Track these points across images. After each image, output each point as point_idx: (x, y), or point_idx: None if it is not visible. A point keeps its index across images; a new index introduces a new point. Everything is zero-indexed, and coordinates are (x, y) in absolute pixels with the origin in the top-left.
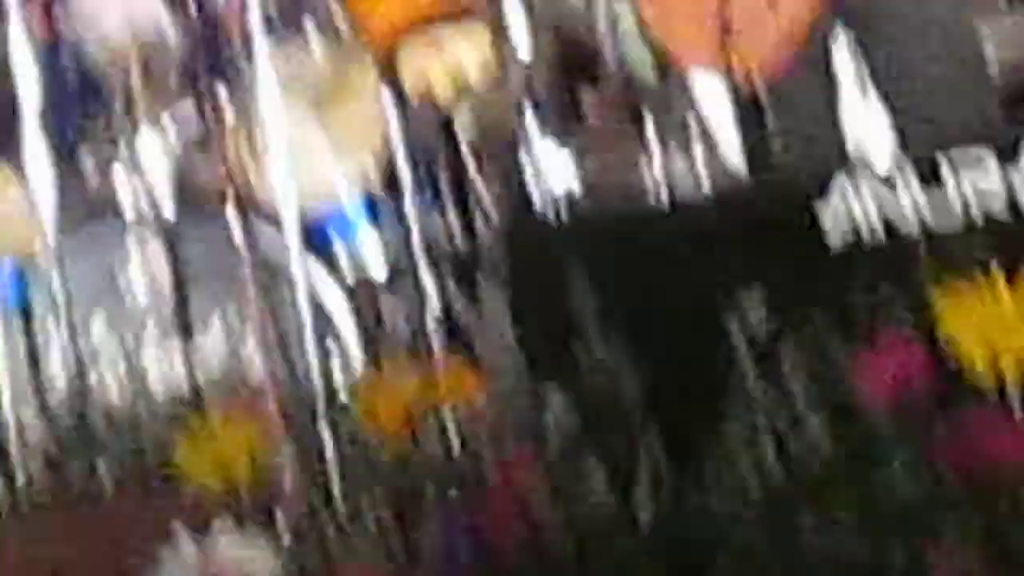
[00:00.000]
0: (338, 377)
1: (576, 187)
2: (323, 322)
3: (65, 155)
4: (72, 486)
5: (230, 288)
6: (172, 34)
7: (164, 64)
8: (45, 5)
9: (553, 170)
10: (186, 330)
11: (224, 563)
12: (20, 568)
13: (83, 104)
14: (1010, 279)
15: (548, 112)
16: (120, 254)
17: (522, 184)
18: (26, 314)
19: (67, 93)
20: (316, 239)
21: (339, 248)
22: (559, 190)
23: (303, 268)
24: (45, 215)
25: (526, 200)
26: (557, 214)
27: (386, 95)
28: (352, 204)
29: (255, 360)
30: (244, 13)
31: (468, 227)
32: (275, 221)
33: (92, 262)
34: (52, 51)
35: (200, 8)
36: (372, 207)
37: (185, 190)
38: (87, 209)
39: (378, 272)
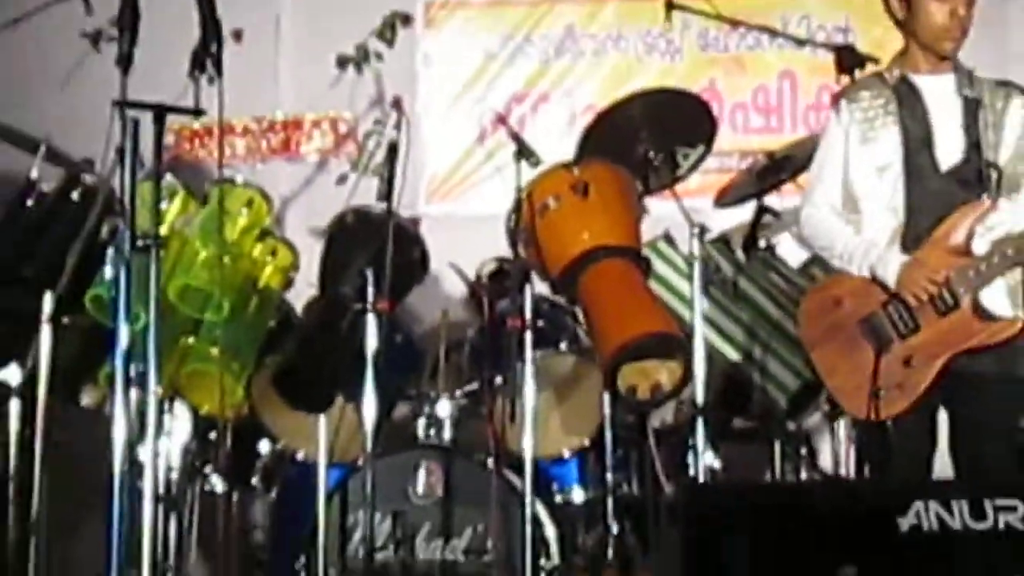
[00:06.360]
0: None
1: (719, 467)
2: (535, 528)
3: (386, 401)
4: None
5: (482, 504)
6: (471, 329)
7: (461, 348)
8: (392, 298)
9: (707, 457)
10: (448, 529)
11: None
12: None
13: (404, 368)
14: None
15: (710, 426)
16: (412, 471)
17: (685, 460)
18: (343, 501)
19: (395, 358)
20: (542, 480)
21: (554, 487)
22: (709, 467)
23: (531, 497)
24: (368, 439)
25: (686, 471)
26: (713, 486)
27: (606, 396)
28: (570, 462)
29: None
30: (523, 329)
31: (643, 487)
32: (517, 468)
33: (392, 474)
34: (389, 326)
35: (490, 314)
36: (582, 465)
37: (461, 438)
38: (395, 438)
39: (579, 499)
